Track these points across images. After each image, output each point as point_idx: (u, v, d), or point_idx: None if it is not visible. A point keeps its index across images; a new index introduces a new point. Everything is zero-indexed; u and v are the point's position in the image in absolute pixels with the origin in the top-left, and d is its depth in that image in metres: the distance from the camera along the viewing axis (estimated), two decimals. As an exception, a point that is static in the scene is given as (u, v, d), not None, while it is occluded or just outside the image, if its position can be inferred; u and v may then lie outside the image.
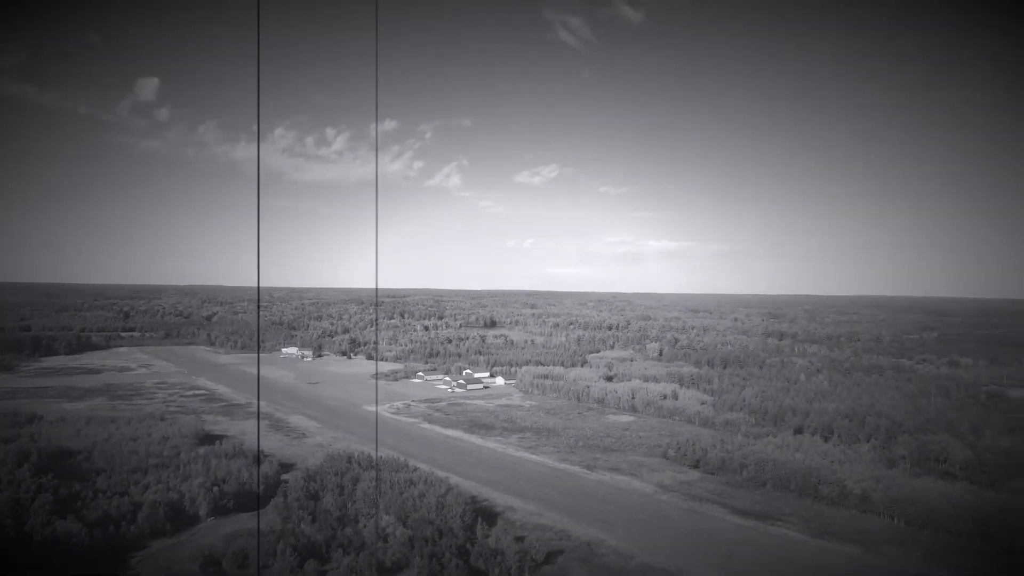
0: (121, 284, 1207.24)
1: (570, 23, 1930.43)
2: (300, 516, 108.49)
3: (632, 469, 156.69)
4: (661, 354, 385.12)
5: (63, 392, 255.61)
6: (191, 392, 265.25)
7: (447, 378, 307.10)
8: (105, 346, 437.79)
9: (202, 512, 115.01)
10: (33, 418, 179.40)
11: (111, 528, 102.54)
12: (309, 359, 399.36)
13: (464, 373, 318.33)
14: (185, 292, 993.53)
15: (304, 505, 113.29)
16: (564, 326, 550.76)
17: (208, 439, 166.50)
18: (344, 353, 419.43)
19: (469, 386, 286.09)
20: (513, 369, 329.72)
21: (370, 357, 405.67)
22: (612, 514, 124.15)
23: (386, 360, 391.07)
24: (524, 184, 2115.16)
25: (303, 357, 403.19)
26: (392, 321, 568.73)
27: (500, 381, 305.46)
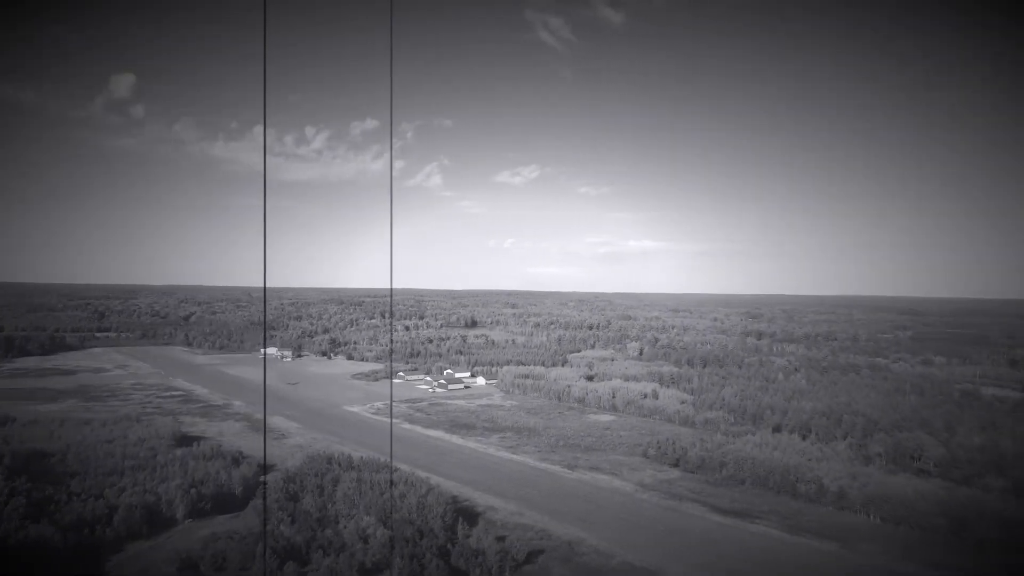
0: (96, 284, 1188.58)
1: (551, 23, 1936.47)
2: (279, 518, 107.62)
3: (613, 468, 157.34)
4: (641, 353, 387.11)
5: (36, 393, 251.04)
6: (168, 393, 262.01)
7: (428, 378, 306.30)
8: (79, 347, 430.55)
9: (179, 514, 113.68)
10: (5, 420, 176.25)
11: (86, 531, 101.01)
12: (289, 359, 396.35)
13: (445, 373, 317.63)
14: (162, 292, 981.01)
15: (283, 506, 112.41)
16: (545, 326, 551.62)
17: (185, 441, 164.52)
18: (324, 353, 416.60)
19: (450, 386, 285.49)
20: (494, 369, 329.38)
21: (350, 357, 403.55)
22: (593, 513, 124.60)
23: (366, 360, 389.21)
24: (505, 184, 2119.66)
25: (282, 357, 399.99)
26: (372, 321, 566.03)
27: (481, 381, 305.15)
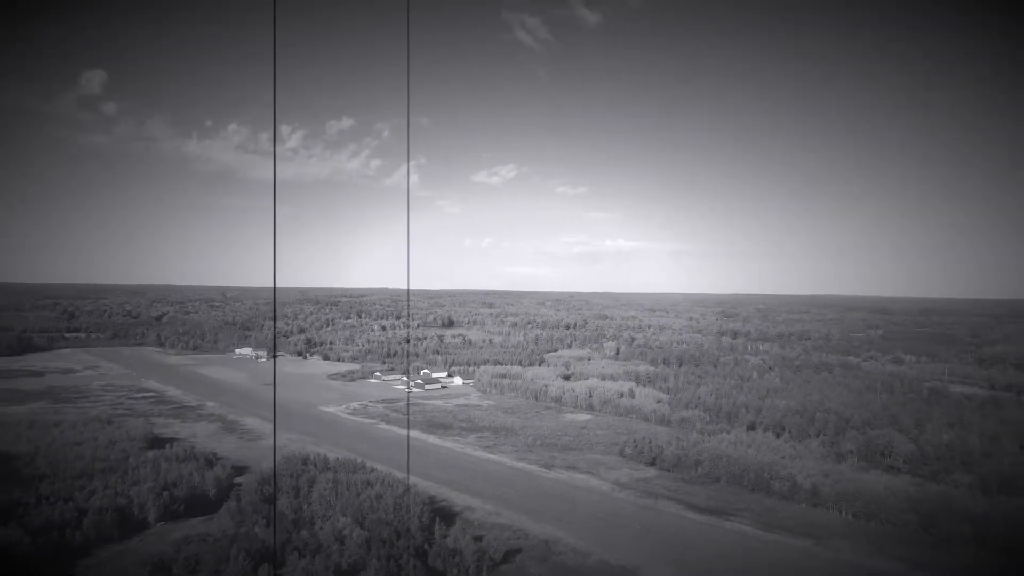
0: (65, 283, 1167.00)
1: (528, 23, 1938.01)
2: (254, 520, 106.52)
3: (589, 467, 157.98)
4: (618, 353, 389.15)
5: (3, 395, 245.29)
6: (140, 394, 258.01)
7: (405, 378, 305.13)
8: (48, 347, 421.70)
9: (151, 517, 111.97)
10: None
11: (55, 535, 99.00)
12: (264, 360, 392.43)
13: (422, 373, 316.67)
14: (133, 292, 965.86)
15: (258, 508, 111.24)
16: (522, 325, 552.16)
17: (158, 443, 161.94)
18: (300, 353, 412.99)
19: (427, 386, 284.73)
20: (471, 369, 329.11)
21: (326, 357, 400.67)
22: (570, 512, 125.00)
23: (342, 360, 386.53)
24: (482, 184, 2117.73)
25: (257, 358, 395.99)
26: (349, 321, 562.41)
27: (458, 381, 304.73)
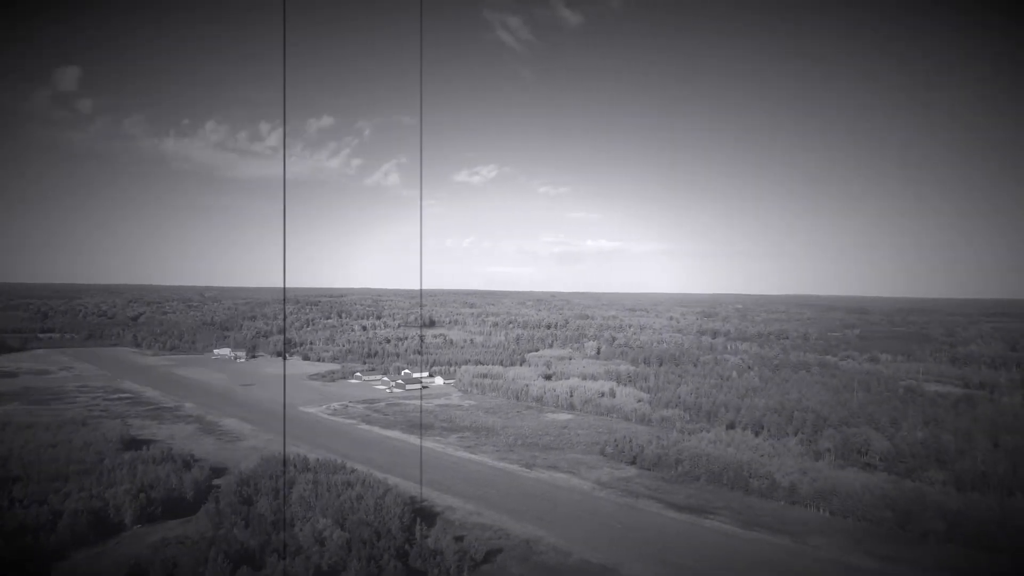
0: (38, 283, 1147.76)
1: (509, 23, 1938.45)
2: (233, 522, 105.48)
3: (570, 467, 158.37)
4: (599, 352, 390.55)
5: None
6: (116, 395, 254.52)
7: (385, 378, 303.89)
8: (21, 348, 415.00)
9: (128, 520, 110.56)
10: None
11: (29, 538, 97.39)
12: (242, 360, 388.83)
13: (403, 373, 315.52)
14: (109, 291, 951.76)
15: (237, 510, 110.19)
16: (503, 325, 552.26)
17: (134, 444, 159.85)
18: (279, 354, 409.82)
19: (408, 386, 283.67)
20: (452, 368, 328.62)
21: (306, 358, 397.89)
22: (551, 512, 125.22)
23: (322, 361, 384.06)
24: (464, 183, 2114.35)
25: (236, 358, 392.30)
26: (329, 321, 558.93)
27: (439, 381, 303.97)
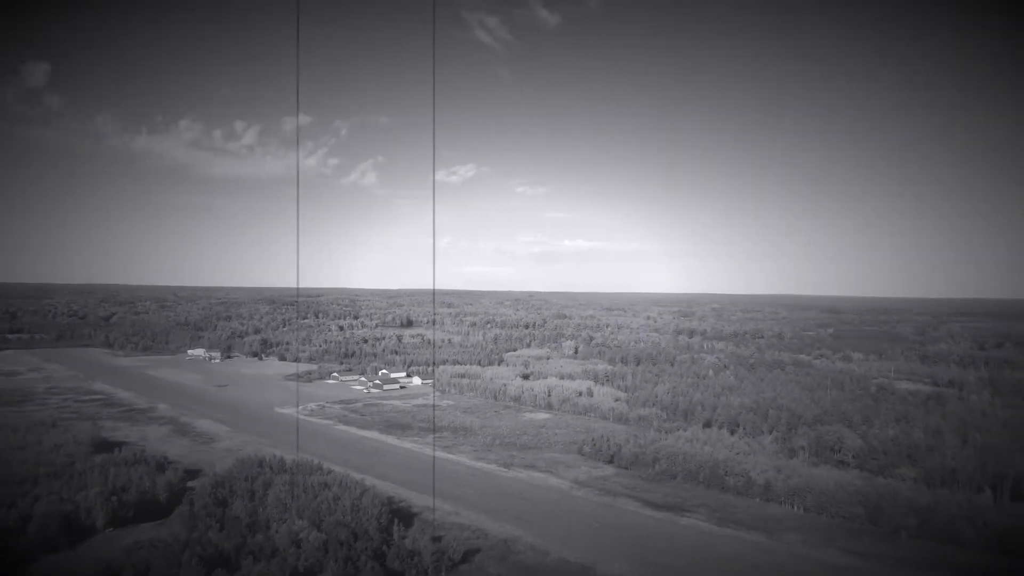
0: (6, 282, 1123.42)
1: (487, 23, 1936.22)
2: (207, 524, 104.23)
3: (548, 466, 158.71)
4: (577, 352, 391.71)
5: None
6: (87, 397, 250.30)
7: (363, 378, 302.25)
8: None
9: (99, 523, 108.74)
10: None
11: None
12: (217, 361, 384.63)
13: (380, 373, 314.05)
14: (80, 291, 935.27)
15: (212, 512, 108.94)
16: (481, 325, 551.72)
17: (106, 446, 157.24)
18: (255, 354, 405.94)
19: (385, 386, 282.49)
20: (430, 368, 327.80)
21: (282, 358, 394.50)
22: (529, 511, 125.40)
23: (299, 361, 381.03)
24: (441, 183, 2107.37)
25: (210, 359, 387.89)
26: (306, 321, 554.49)
27: (417, 381, 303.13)
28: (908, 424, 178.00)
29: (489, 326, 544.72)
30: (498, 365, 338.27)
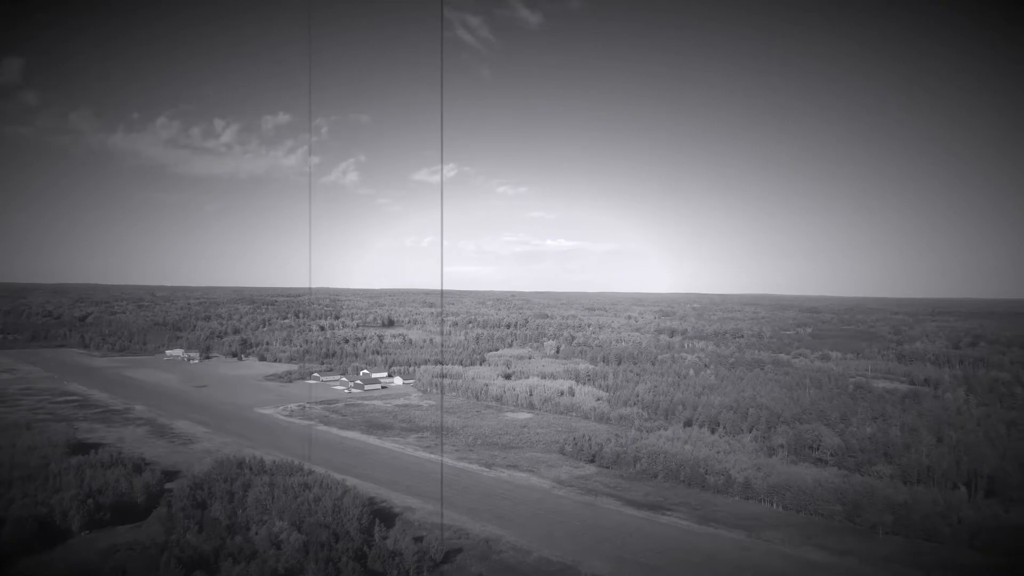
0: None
1: (469, 22, 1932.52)
2: (186, 526, 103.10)
3: (530, 465, 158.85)
4: (558, 351, 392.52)
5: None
6: (62, 398, 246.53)
7: (344, 379, 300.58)
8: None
9: (75, 526, 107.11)
10: None
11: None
12: (196, 361, 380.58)
13: (361, 373, 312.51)
14: (55, 291, 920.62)
15: (190, 514, 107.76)
16: (463, 325, 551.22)
17: (82, 448, 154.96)
18: (235, 354, 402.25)
19: (367, 386, 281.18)
20: (412, 368, 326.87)
21: (263, 358, 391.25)
22: (510, 510, 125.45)
23: (279, 361, 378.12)
24: (423, 182, 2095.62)
25: (189, 359, 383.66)
26: (286, 321, 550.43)
27: (398, 381, 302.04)
28: (885, 422, 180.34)
29: (471, 326, 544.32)
30: (480, 365, 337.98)
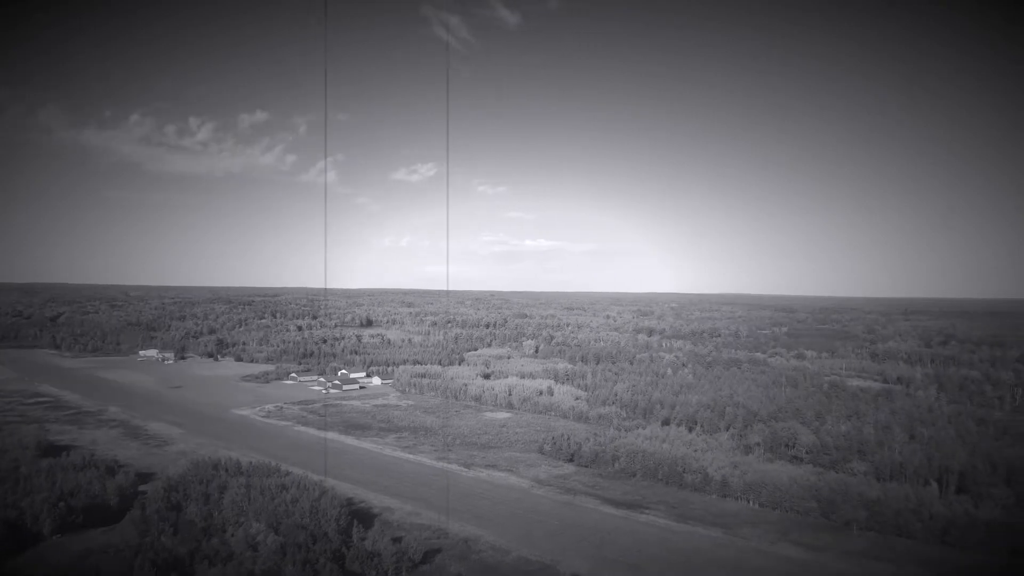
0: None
1: (448, 21, 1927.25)
2: (160, 528, 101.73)
3: (509, 465, 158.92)
4: (537, 351, 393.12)
5: None
6: (33, 400, 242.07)
7: (322, 379, 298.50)
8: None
9: (46, 530, 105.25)
10: None
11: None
12: (171, 362, 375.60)
13: (339, 373, 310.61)
14: (23, 290, 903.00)
15: (165, 517, 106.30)
16: (442, 324, 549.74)
17: (53, 450, 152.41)
18: (211, 355, 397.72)
19: (345, 387, 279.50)
20: (390, 368, 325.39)
21: (239, 359, 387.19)
22: (489, 510, 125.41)
23: (256, 362, 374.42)
24: (401, 182, 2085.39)
25: (163, 360, 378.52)
26: (263, 321, 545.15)
27: (377, 381, 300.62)
28: (859, 420, 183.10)
29: (450, 325, 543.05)
30: (459, 365, 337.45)
